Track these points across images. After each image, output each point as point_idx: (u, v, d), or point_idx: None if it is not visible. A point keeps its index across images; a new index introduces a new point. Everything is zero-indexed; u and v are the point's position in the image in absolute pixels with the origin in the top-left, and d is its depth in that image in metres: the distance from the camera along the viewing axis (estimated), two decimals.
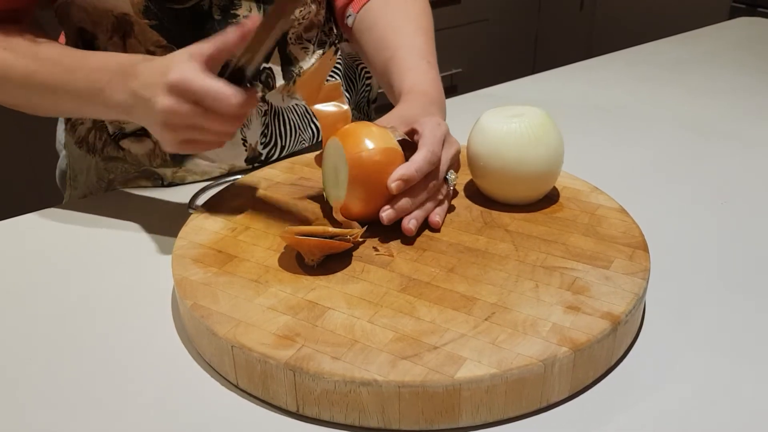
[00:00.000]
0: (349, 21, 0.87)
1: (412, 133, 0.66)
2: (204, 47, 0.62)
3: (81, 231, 0.75)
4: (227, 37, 0.61)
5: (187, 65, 0.60)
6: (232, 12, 0.77)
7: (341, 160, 0.64)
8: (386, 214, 0.63)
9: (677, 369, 0.55)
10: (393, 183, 0.62)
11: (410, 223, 0.64)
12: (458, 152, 0.69)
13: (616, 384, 0.54)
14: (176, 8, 0.75)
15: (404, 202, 0.63)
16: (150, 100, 0.62)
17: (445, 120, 0.75)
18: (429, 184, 0.65)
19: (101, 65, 0.68)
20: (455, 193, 0.72)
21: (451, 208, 0.69)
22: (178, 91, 0.60)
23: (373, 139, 0.63)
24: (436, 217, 0.66)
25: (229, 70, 0.62)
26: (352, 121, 0.68)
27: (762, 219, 0.76)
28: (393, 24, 0.81)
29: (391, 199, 0.63)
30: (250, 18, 0.61)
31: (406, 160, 0.64)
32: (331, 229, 0.60)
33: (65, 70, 0.69)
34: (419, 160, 0.63)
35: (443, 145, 0.66)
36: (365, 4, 0.86)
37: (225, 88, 0.59)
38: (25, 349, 0.58)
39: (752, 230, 0.74)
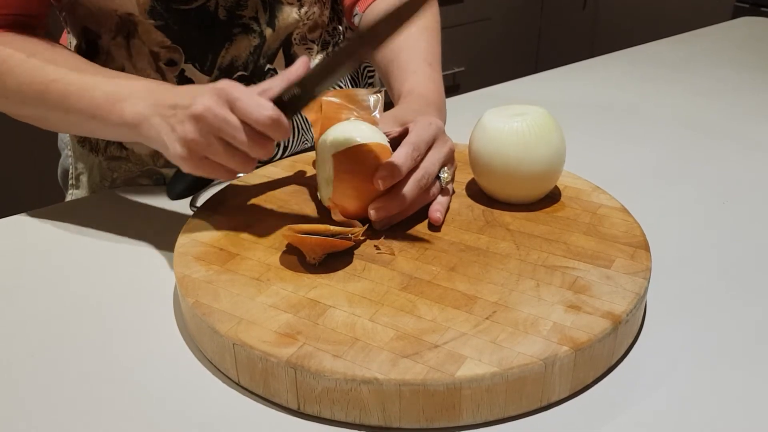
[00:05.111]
0: (356, 20, 0.87)
1: (405, 132, 0.66)
2: (268, 89, 0.61)
3: (83, 229, 0.75)
4: (291, 74, 0.60)
5: (239, 85, 0.59)
6: (237, 13, 0.77)
7: (328, 155, 0.64)
8: (375, 210, 0.63)
9: (678, 368, 0.55)
10: (379, 179, 0.61)
11: (378, 214, 0.63)
12: (452, 150, 0.68)
13: (616, 383, 0.54)
14: (182, 9, 0.75)
15: (393, 196, 0.63)
16: (185, 104, 0.60)
17: (444, 121, 0.75)
18: (417, 180, 0.64)
19: (123, 82, 0.66)
20: (455, 192, 0.72)
21: (450, 207, 0.69)
22: (219, 93, 0.58)
23: (359, 134, 0.63)
24: (436, 213, 0.66)
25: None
26: None
27: (764, 218, 0.76)
28: None
29: (380, 195, 0.63)
30: (302, 60, 0.61)
31: None
32: (332, 228, 0.60)
33: (81, 86, 0.67)
34: (402, 155, 0.63)
35: (434, 143, 0.66)
36: (371, 3, 0.86)
37: (265, 100, 0.58)
38: (26, 346, 0.58)
39: (754, 229, 0.74)
